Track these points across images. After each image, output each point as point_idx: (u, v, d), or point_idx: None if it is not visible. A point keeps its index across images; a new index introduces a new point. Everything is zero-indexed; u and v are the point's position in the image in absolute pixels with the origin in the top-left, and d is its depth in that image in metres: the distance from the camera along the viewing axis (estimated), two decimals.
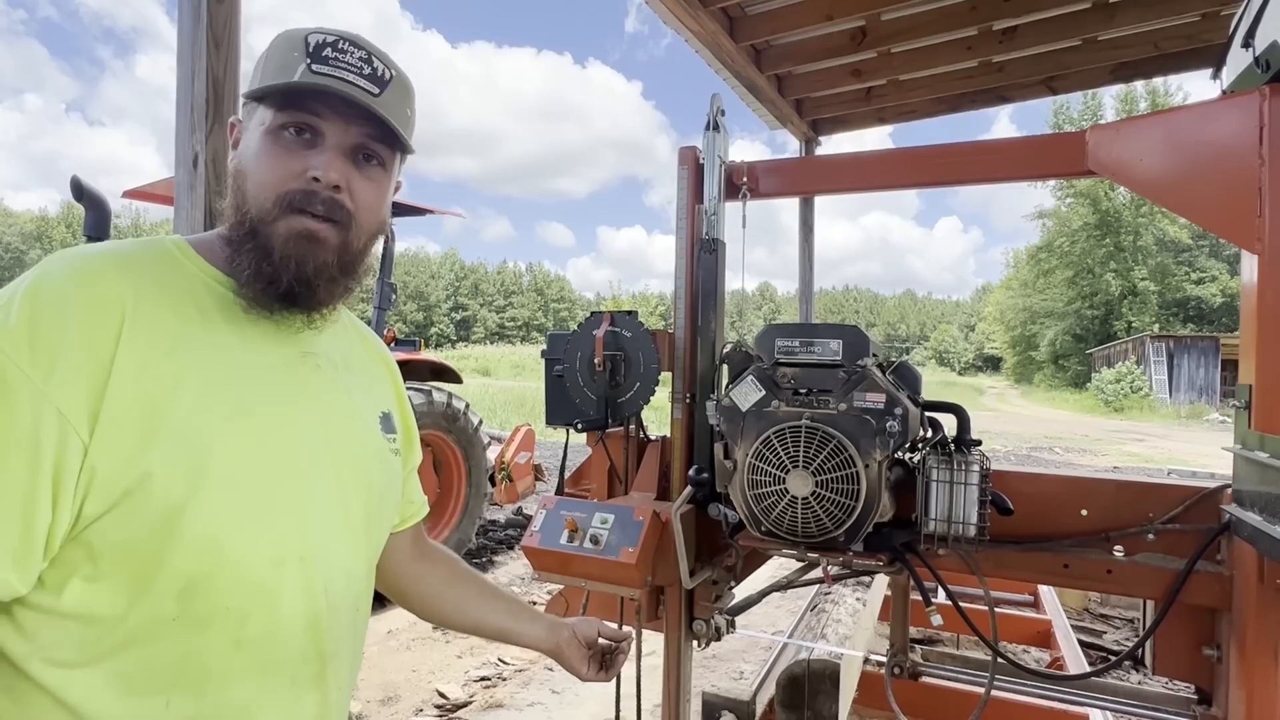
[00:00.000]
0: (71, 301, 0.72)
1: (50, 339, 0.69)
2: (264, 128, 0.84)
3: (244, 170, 0.85)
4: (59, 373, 0.69)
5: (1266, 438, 1.29)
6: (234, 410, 0.79)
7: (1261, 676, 1.41)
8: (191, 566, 0.74)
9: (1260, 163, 1.30)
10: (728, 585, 1.98)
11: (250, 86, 0.86)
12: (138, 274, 0.78)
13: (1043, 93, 4.23)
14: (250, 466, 0.79)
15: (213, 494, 0.75)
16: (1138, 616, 4.40)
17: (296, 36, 0.84)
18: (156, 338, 0.75)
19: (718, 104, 1.91)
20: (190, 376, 0.76)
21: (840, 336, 1.61)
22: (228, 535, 0.76)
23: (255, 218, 0.83)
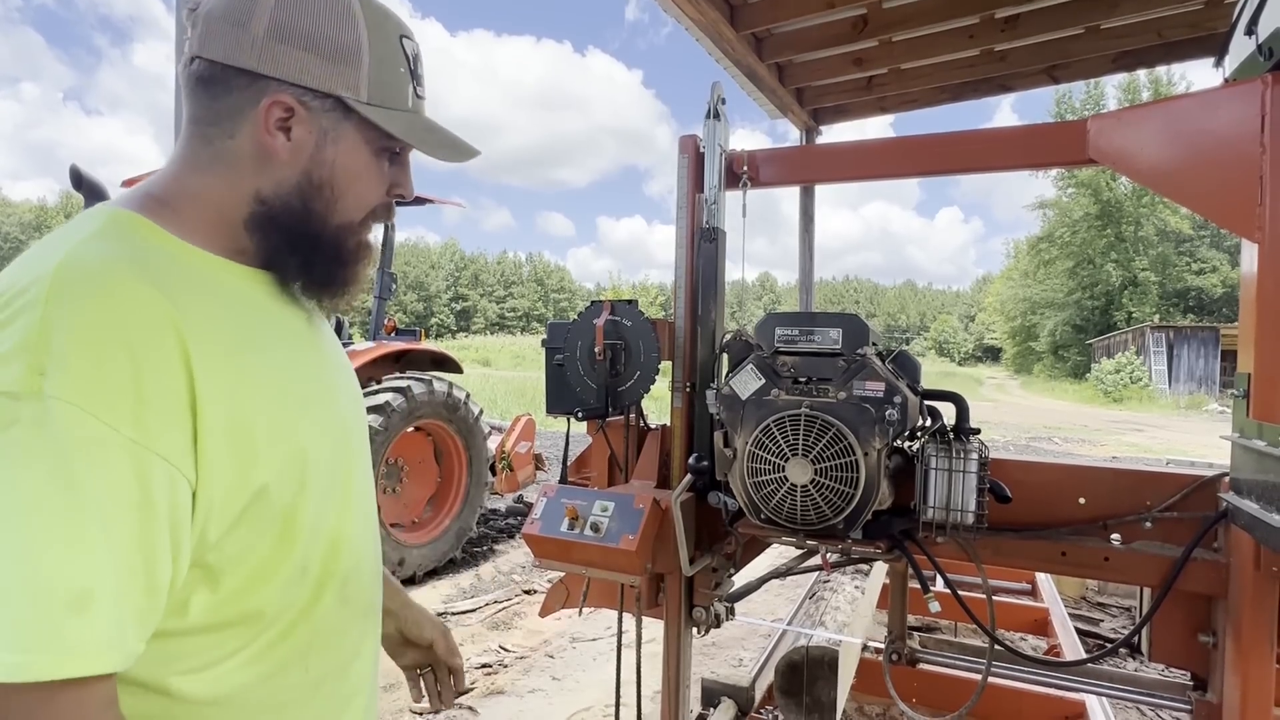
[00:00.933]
0: (133, 334, 0.62)
1: (124, 384, 0.60)
2: (372, 147, 0.82)
3: (337, 182, 0.80)
4: (149, 419, 0.61)
5: (1264, 426, 1.30)
6: (301, 402, 0.79)
7: (1257, 662, 1.42)
8: (307, 552, 0.78)
9: (1261, 151, 1.30)
10: (727, 573, 1.99)
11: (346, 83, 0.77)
12: (154, 275, 0.68)
13: (1045, 82, 4.21)
14: (328, 448, 0.82)
15: (314, 483, 0.78)
16: (1134, 605, 4.43)
17: (393, 36, 0.80)
18: (214, 345, 0.69)
19: (718, 92, 1.90)
20: (256, 376, 0.73)
21: (840, 325, 1.61)
22: (328, 516, 0.81)
23: (339, 231, 0.82)
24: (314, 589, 0.80)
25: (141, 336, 0.63)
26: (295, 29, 0.75)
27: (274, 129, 0.77)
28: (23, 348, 0.59)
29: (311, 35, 0.75)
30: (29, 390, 0.57)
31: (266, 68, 0.74)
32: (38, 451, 0.57)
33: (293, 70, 0.75)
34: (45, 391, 0.57)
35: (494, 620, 4.35)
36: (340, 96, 0.77)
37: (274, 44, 0.74)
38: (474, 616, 4.40)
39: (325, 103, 0.78)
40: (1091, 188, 38.63)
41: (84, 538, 0.57)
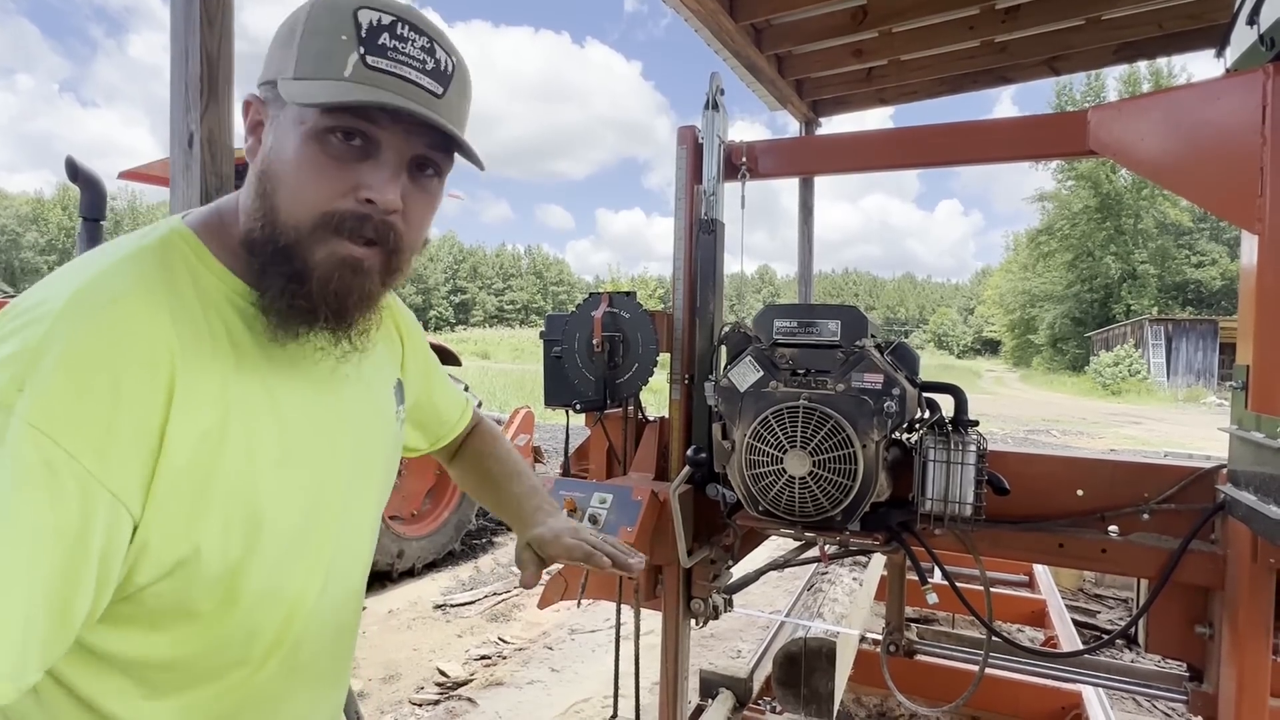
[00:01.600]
0: (121, 363, 0.61)
1: (99, 414, 0.59)
2: (304, 128, 0.69)
3: (276, 174, 0.70)
4: (113, 452, 0.59)
5: (1263, 418, 1.30)
6: (278, 458, 0.73)
7: (1253, 654, 1.43)
8: (253, 618, 0.73)
9: (1262, 142, 1.30)
10: (725, 564, 2.00)
11: (280, 67, 0.70)
12: (172, 304, 0.67)
13: (1045, 73, 4.19)
14: (296, 512, 0.75)
15: (267, 548, 0.72)
16: (1131, 597, 4.44)
17: (344, 10, 0.69)
18: (202, 390, 0.66)
19: (717, 83, 1.89)
20: (235, 425, 0.69)
21: (838, 317, 1.61)
22: (283, 581, 0.75)
23: (289, 235, 0.70)
24: (260, 656, 0.76)
25: (132, 371, 0.61)
26: (274, 39, 0.73)
27: (250, 132, 0.74)
28: (14, 359, 0.58)
29: (275, 37, 0.73)
30: (4, 403, 0.56)
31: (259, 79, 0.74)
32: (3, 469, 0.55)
33: (262, 73, 0.73)
34: (15, 408, 0.56)
35: (493, 612, 4.36)
36: (274, 79, 0.70)
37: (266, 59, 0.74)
38: (473, 608, 4.41)
39: (270, 90, 0.71)
40: (1091, 180, 38.56)
41: (5, 565, 0.54)
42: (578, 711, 3.12)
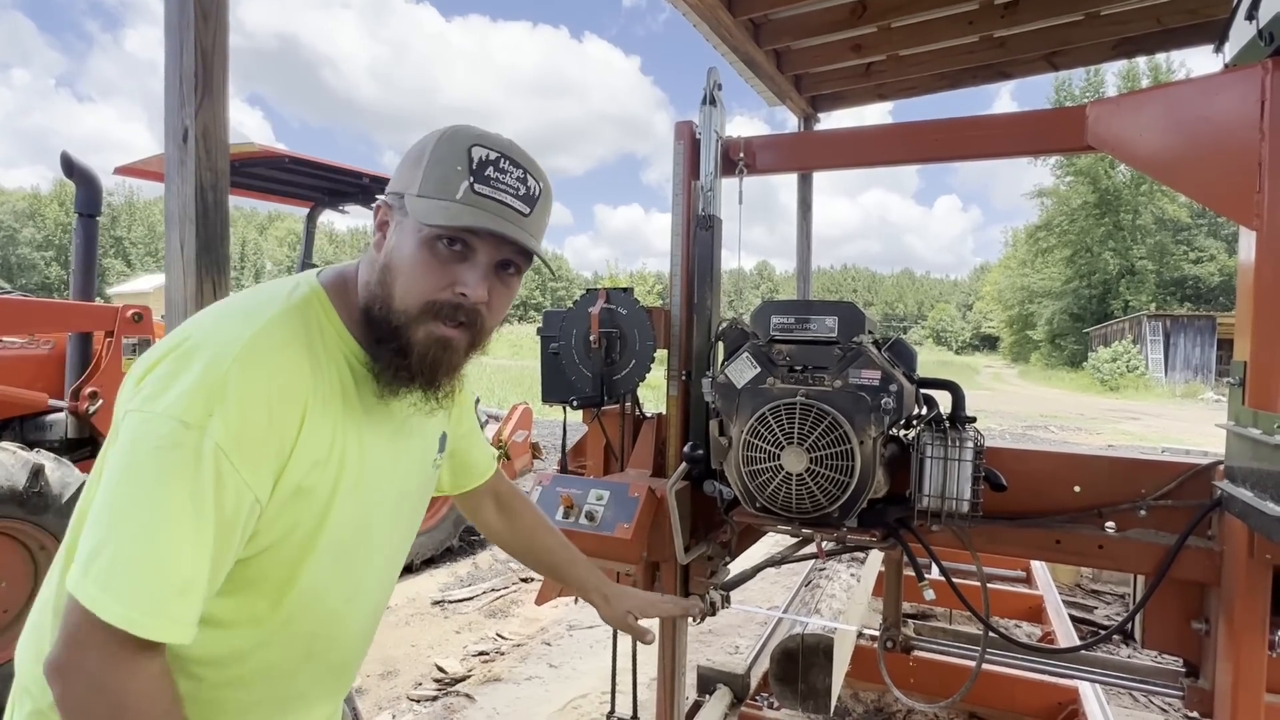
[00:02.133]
0: (275, 399, 0.82)
1: (260, 438, 0.81)
2: (420, 235, 0.89)
3: (395, 268, 0.91)
4: (261, 466, 0.81)
5: (1260, 414, 1.30)
6: (352, 484, 0.92)
7: (1249, 650, 1.43)
8: (295, 607, 0.91)
9: (1260, 137, 1.29)
10: (723, 561, 1.99)
11: (408, 183, 0.90)
12: (312, 358, 0.88)
13: (1044, 68, 4.18)
14: (351, 530, 0.94)
15: (322, 555, 0.91)
16: (1128, 592, 4.45)
17: (460, 145, 0.90)
18: (323, 426, 0.87)
19: (714, 78, 1.89)
20: (335, 455, 0.89)
21: (836, 313, 1.60)
22: (324, 584, 0.93)
23: (399, 317, 0.90)
24: (287, 639, 0.93)
25: (282, 409, 0.83)
26: (404, 159, 0.94)
27: (377, 229, 0.94)
28: (208, 393, 0.78)
29: (405, 156, 0.94)
30: (197, 424, 0.77)
31: (389, 188, 0.95)
32: (189, 473, 0.76)
33: (392, 184, 0.94)
34: (207, 429, 0.77)
35: (491, 608, 4.36)
36: (403, 193, 0.91)
37: (395, 172, 0.95)
38: (471, 605, 4.42)
39: (397, 199, 0.92)
40: (1090, 176, 38.54)
41: (199, 545, 0.77)
42: (575, 707, 3.12)
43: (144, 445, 0.76)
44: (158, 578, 0.74)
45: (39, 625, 0.93)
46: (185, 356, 0.81)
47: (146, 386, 0.80)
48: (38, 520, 2.89)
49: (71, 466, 3.07)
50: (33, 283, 50.36)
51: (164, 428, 0.76)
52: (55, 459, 3.03)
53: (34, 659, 0.88)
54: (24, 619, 2.97)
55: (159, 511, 0.75)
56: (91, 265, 4.00)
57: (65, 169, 3.84)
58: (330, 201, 5.68)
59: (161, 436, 0.76)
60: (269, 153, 4.32)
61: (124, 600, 0.73)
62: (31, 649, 0.92)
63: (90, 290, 3.97)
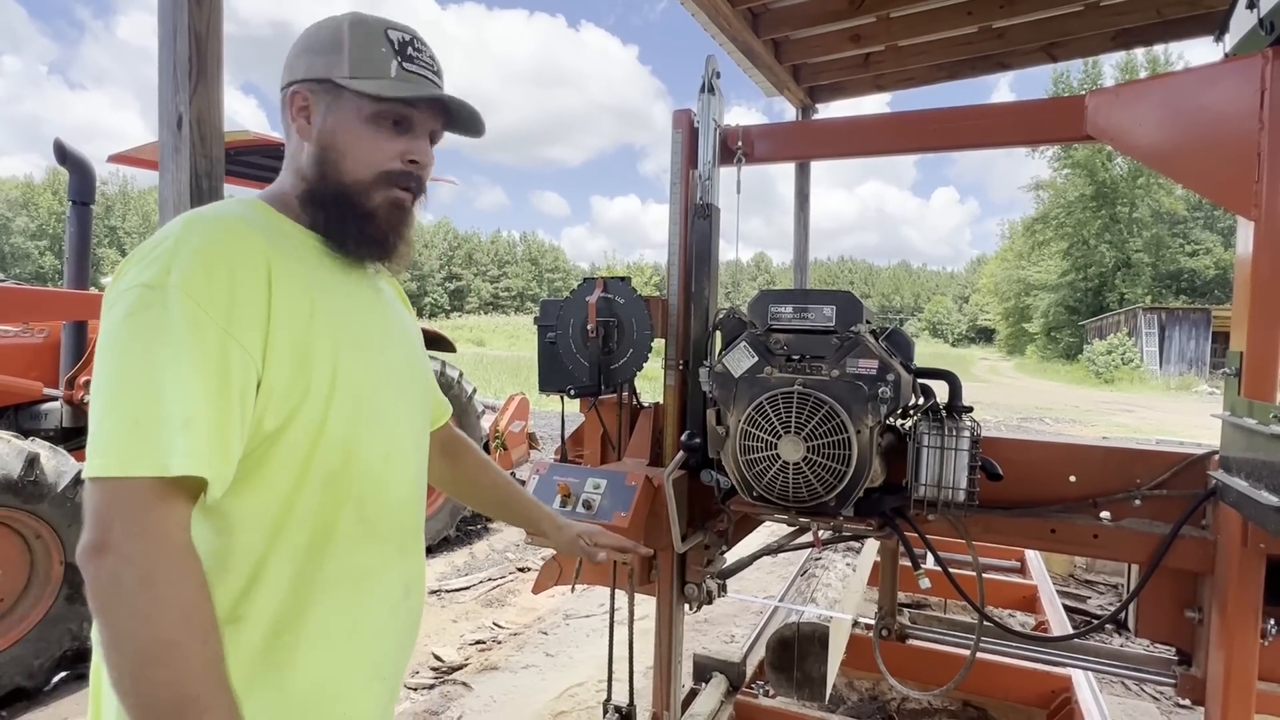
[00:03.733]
0: (234, 258, 0.86)
1: (226, 289, 0.83)
2: (362, 114, 0.97)
3: (337, 146, 0.98)
4: (237, 317, 0.83)
5: (1255, 404, 1.30)
6: (352, 341, 0.96)
7: (1241, 638, 1.44)
8: (331, 463, 0.93)
9: (1260, 127, 1.29)
10: (719, 550, 2.00)
11: (330, 68, 0.97)
12: (263, 231, 0.92)
13: (1043, 60, 4.17)
14: (366, 386, 0.98)
15: (343, 408, 0.93)
16: (1121, 583, 4.48)
17: (376, 30, 0.99)
18: (293, 281, 0.91)
19: (713, 66, 1.88)
20: (320, 313, 0.92)
21: (834, 302, 1.60)
22: (355, 439, 0.95)
23: (354, 188, 0.98)
24: (333, 501, 0.94)
25: (241, 261, 0.86)
26: (305, 47, 1.00)
27: (295, 115, 1.00)
28: (160, 256, 0.83)
29: (311, 46, 1.00)
30: (159, 283, 0.81)
31: (290, 76, 1.00)
32: (163, 325, 0.79)
33: (301, 71, 0.99)
34: (169, 284, 0.80)
35: (488, 597, 4.37)
36: (329, 78, 0.97)
37: (294, 59, 1.01)
38: (468, 594, 4.43)
39: (322, 85, 0.98)
40: (1087, 168, 38.50)
41: (188, 383, 0.79)
42: (572, 695, 3.14)
43: (118, 321, 0.80)
44: (148, 416, 0.77)
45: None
46: (138, 255, 0.86)
47: (115, 280, 0.85)
48: (33, 509, 2.89)
49: (66, 455, 3.06)
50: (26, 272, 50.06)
51: (129, 297, 0.81)
52: (50, 448, 3.03)
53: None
54: (21, 607, 2.98)
55: (135, 362, 0.78)
56: (86, 254, 3.98)
57: (59, 157, 3.81)
58: None
59: (129, 304, 0.80)
60: (264, 141, 4.29)
61: (119, 450, 0.76)
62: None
63: (84, 279, 3.95)
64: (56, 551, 3.01)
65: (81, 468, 2.99)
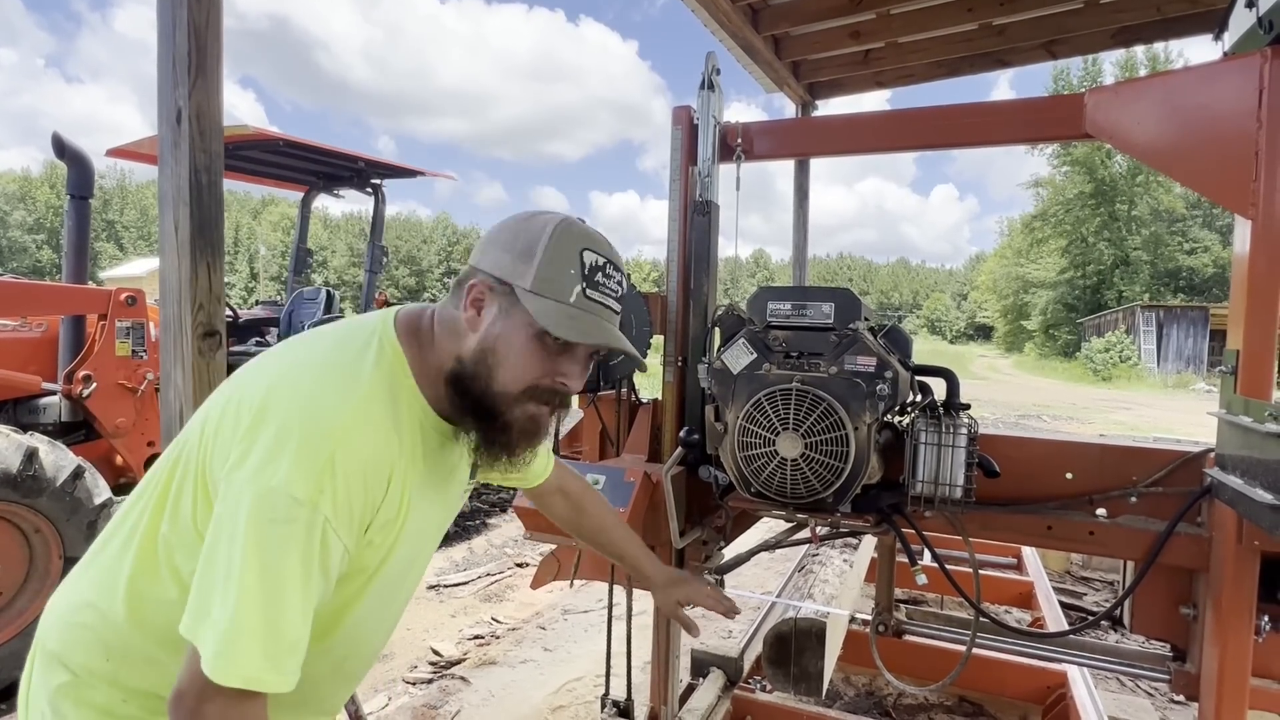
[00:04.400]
0: (367, 473, 0.89)
1: (355, 508, 0.89)
2: (530, 330, 0.96)
3: (500, 352, 0.97)
4: (354, 530, 0.90)
5: (1251, 402, 1.31)
6: (411, 532, 1.00)
7: (1235, 634, 1.45)
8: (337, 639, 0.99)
9: (1258, 126, 1.30)
10: (717, 546, 2.01)
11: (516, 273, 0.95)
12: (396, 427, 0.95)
13: (1043, 57, 4.17)
14: (400, 571, 1.03)
15: (373, 595, 1.00)
16: (1117, 580, 4.50)
17: (573, 248, 0.97)
18: (400, 491, 0.95)
19: (713, 62, 1.88)
20: (402, 511, 0.97)
21: (832, 300, 1.61)
22: (367, 619, 1.02)
23: (499, 398, 0.97)
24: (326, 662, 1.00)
25: (374, 479, 0.91)
26: (508, 242, 0.98)
27: (469, 305, 0.98)
28: (316, 471, 0.85)
29: (513, 244, 0.98)
30: (310, 503, 0.84)
31: (481, 263, 0.99)
32: (303, 545, 0.84)
33: (491, 264, 0.98)
34: (319, 507, 0.84)
35: (486, 593, 4.38)
36: (512, 284, 0.96)
37: (489, 244, 1.00)
38: (466, 589, 4.44)
39: (503, 287, 0.97)
40: (1086, 166, 38.48)
41: (306, 606, 0.85)
42: (570, 690, 3.15)
43: (260, 517, 0.83)
44: (275, 641, 0.82)
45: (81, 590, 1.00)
46: (284, 428, 0.87)
47: (251, 455, 0.85)
48: (31, 503, 2.89)
49: (65, 449, 3.06)
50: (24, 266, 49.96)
51: (279, 502, 0.83)
52: (49, 442, 3.02)
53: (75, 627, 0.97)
54: (20, 601, 2.98)
55: (275, 580, 0.82)
56: (84, 248, 3.97)
57: (57, 150, 3.80)
58: (325, 185, 5.64)
59: (276, 510, 0.83)
60: (263, 136, 4.29)
61: (247, 664, 0.81)
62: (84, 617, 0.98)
63: (83, 273, 3.94)
64: (55, 546, 3.01)
65: (80, 462, 3.02)
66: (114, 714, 0.95)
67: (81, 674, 0.95)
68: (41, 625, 1.02)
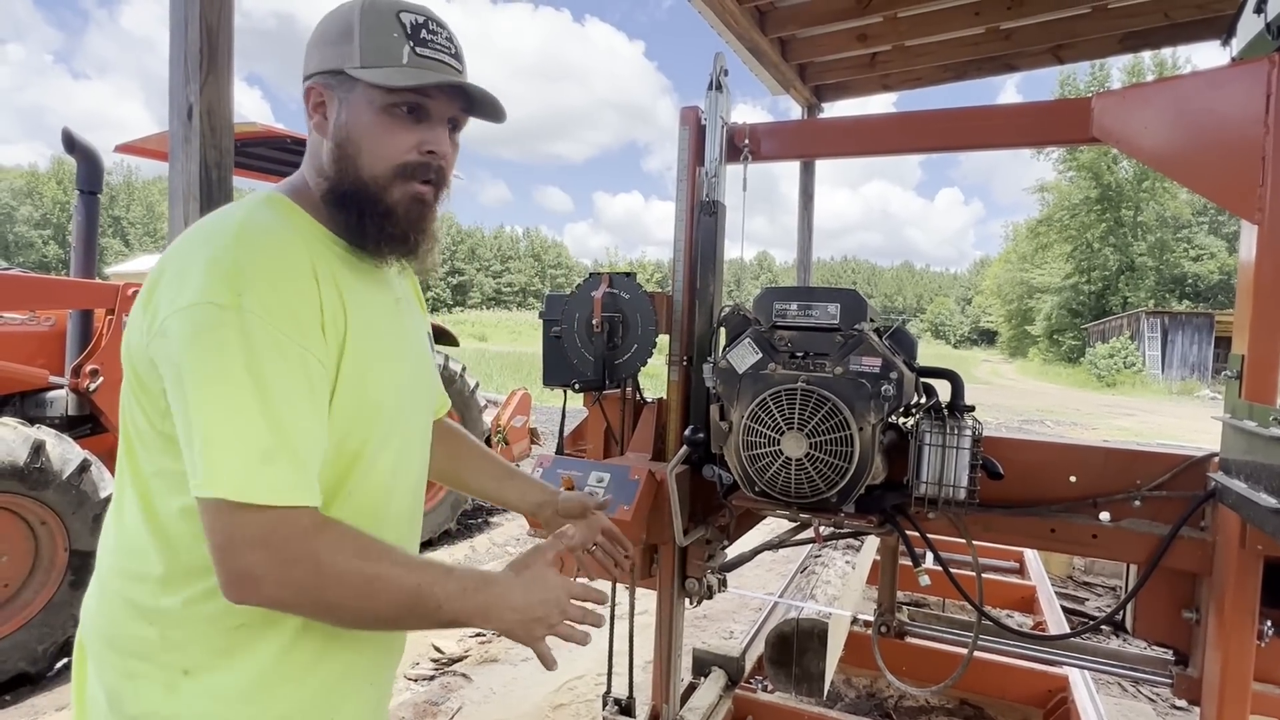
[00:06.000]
0: (290, 272, 0.86)
1: (289, 307, 0.84)
2: (374, 105, 0.93)
3: (353, 140, 0.94)
4: (306, 331, 0.84)
5: (1255, 407, 1.31)
6: (379, 353, 0.96)
7: (1238, 639, 1.45)
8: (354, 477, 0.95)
9: (1265, 131, 1.30)
10: (720, 545, 2.01)
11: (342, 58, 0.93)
12: (302, 237, 0.91)
13: (1050, 61, 4.17)
14: (387, 400, 0.98)
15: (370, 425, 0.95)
16: (1120, 585, 4.49)
17: (388, 13, 0.94)
18: (331, 289, 0.89)
19: (720, 63, 1.88)
20: (353, 322, 0.92)
21: (838, 300, 1.61)
22: (373, 454, 0.96)
23: (371, 184, 0.95)
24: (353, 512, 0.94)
25: (296, 275, 0.86)
26: (318, 38, 0.96)
27: (313, 111, 0.96)
28: (225, 274, 0.81)
29: (323, 37, 0.96)
30: (230, 304, 0.79)
31: (307, 69, 0.97)
32: (238, 347, 0.79)
33: (314, 64, 0.96)
34: (243, 306, 0.79)
35: None
36: (340, 69, 0.93)
37: (310, 52, 0.97)
38: None
39: (333, 78, 0.94)
40: (1093, 171, 38.39)
41: (269, 411, 0.80)
42: (571, 688, 3.15)
43: (190, 337, 0.79)
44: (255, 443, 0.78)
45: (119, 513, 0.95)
46: (181, 270, 0.84)
47: (161, 306, 0.82)
48: (38, 496, 2.91)
49: (72, 443, 3.08)
50: (31, 261, 50.13)
51: (200, 315, 0.79)
52: (56, 435, 3.04)
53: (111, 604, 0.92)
54: (25, 593, 2.99)
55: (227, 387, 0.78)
56: (92, 243, 3.99)
57: (66, 145, 3.82)
58: None
59: (200, 321, 0.79)
60: (271, 133, 4.30)
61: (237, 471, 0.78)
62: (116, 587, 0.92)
63: (91, 268, 3.96)
64: (61, 538, 3.03)
65: (86, 455, 3.03)
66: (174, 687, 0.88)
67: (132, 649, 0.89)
68: (81, 624, 0.98)
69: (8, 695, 2.95)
